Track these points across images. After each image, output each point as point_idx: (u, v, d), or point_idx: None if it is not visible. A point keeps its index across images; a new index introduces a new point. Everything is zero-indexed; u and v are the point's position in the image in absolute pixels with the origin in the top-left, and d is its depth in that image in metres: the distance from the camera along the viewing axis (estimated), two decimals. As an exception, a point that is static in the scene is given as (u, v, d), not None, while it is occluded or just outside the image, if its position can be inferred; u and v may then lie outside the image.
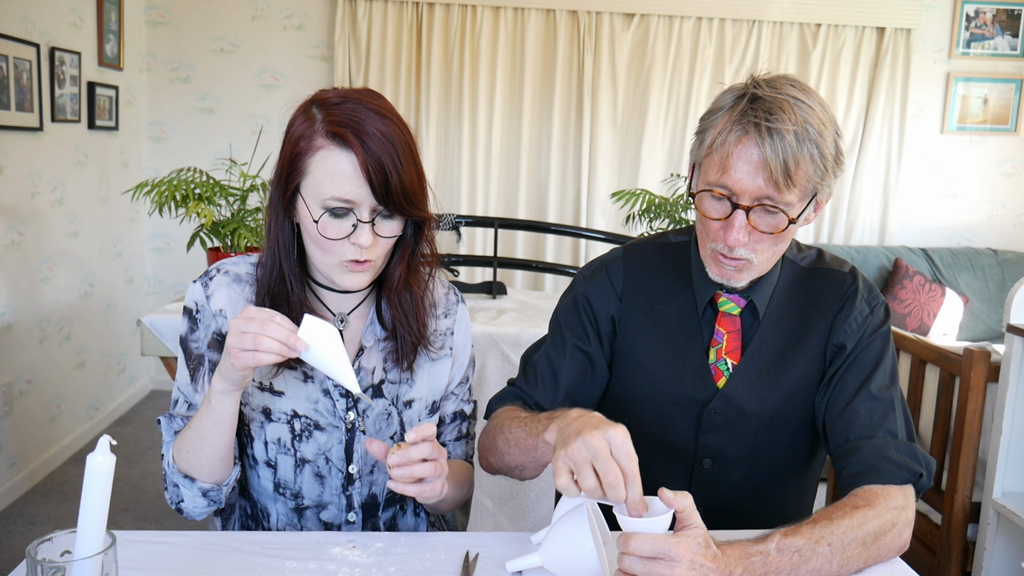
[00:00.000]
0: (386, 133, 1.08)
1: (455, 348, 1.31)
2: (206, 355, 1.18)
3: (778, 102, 1.10)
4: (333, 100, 1.10)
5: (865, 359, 1.22)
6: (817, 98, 1.14)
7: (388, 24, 4.08)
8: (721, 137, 1.12)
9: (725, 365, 1.26)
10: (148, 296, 4.29)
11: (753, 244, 1.15)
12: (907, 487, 1.12)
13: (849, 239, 4.39)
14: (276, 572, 1.01)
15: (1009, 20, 4.33)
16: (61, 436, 3.38)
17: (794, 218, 1.12)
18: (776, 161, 1.08)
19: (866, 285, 1.28)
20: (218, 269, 1.21)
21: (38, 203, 3.16)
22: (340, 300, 1.22)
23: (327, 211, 1.08)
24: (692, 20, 4.18)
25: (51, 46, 3.19)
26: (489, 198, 4.24)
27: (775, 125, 1.08)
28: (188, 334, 1.19)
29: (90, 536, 0.78)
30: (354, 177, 1.07)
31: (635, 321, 1.31)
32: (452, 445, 1.34)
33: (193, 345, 1.19)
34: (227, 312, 1.18)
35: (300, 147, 1.10)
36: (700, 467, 1.28)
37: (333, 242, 1.10)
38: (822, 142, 1.10)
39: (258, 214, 2.52)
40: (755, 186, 1.10)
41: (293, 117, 1.13)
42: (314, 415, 1.19)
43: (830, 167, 1.12)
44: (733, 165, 1.11)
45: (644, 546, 0.89)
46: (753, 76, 1.17)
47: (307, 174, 1.10)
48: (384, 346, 1.23)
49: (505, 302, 2.85)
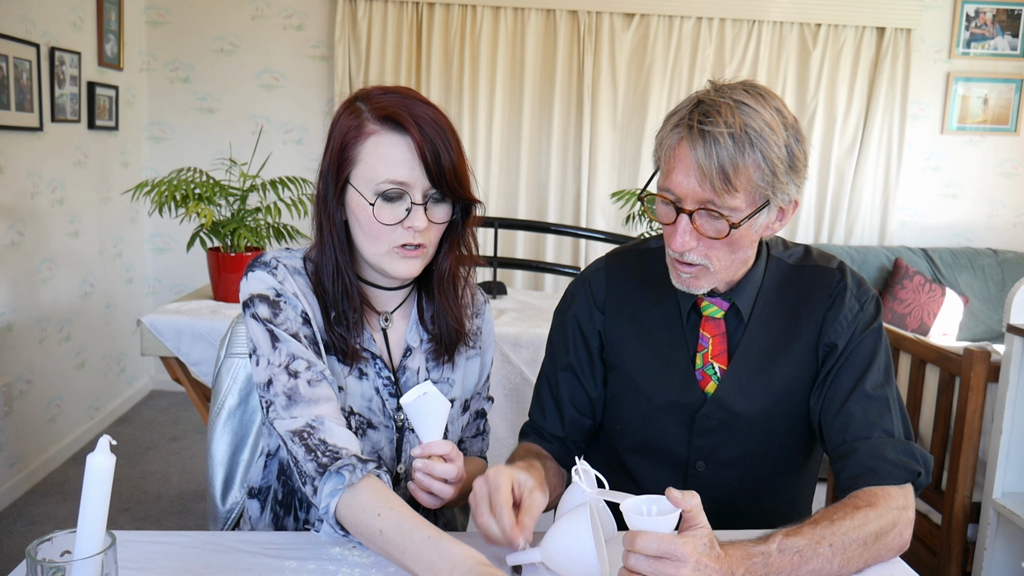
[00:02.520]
0: (435, 117, 1.11)
1: (483, 347, 1.33)
2: (301, 332, 1.14)
3: (717, 105, 1.08)
4: (377, 93, 1.13)
5: (858, 357, 1.20)
6: (774, 103, 1.11)
7: (388, 24, 4.09)
8: (664, 141, 1.13)
9: (713, 370, 1.25)
10: (148, 296, 4.29)
11: (705, 250, 1.14)
12: (906, 486, 1.12)
13: (849, 239, 4.39)
14: (276, 572, 1.01)
15: (1009, 20, 4.32)
16: (61, 436, 3.38)
17: (736, 223, 1.10)
18: (709, 164, 1.07)
19: (855, 280, 1.26)
20: (277, 259, 1.17)
21: (38, 203, 3.16)
22: (385, 299, 1.23)
23: (381, 196, 1.10)
24: (692, 20, 4.18)
25: (51, 46, 3.19)
26: (489, 198, 4.24)
27: (708, 128, 1.07)
28: (274, 318, 1.13)
29: (90, 536, 0.78)
30: (409, 159, 1.09)
31: (619, 331, 1.31)
32: (470, 442, 1.37)
33: (284, 327, 1.13)
34: (302, 299, 1.16)
35: (349, 137, 1.11)
36: (694, 470, 1.27)
37: (386, 228, 1.11)
38: (766, 146, 1.07)
39: (258, 214, 2.52)
40: (694, 190, 1.09)
41: (337, 115, 1.15)
42: (367, 413, 1.20)
43: (781, 173, 1.09)
44: (673, 168, 1.11)
45: (650, 545, 0.89)
46: (712, 81, 1.16)
47: (359, 162, 1.11)
48: (427, 346, 1.24)
49: (505, 302, 2.85)
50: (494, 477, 1.02)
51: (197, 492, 3.12)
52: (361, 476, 1.04)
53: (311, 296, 1.18)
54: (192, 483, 3.20)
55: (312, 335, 1.15)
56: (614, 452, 1.35)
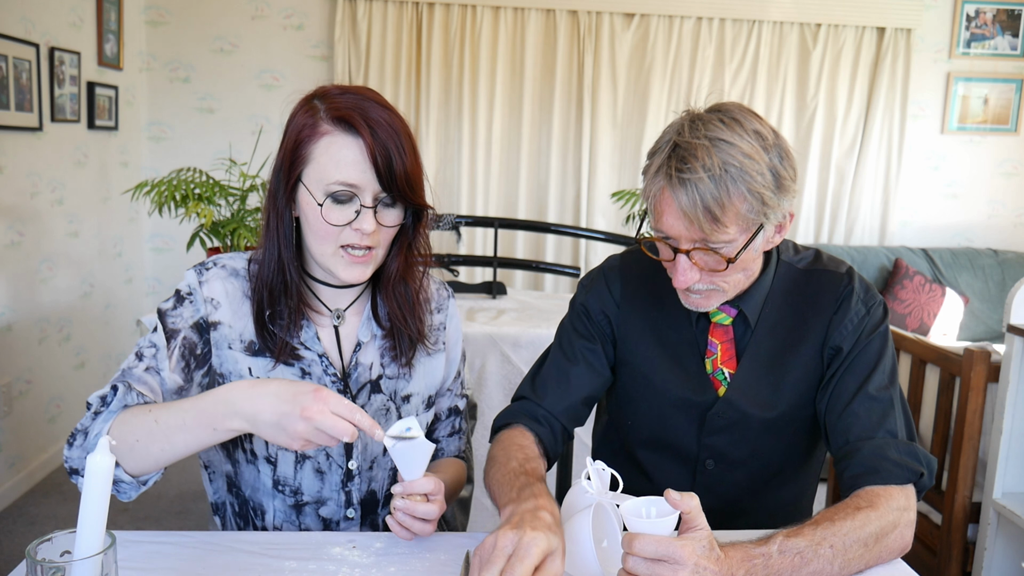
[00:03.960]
0: (390, 121, 1.10)
1: (448, 342, 1.32)
2: (183, 332, 1.15)
3: (692, 148, 1.08)
4: (335, 92, 1.12)
5: (863, 360, 1.21)
6: (751, 125, 1.10)
7: (388, 24, 4.08)
8: (649, 188, 1.14)
9: (723, 375, 1.26)
10: (148, 296, 4.28)
11: (709, 278, 1.16)
12: (908, 487, 1.12)
13: (849, 239, 4.39)
14: (276, 572, 1.01)
15: (1009, 20, 4.32)
16: (61, 436, 3.38)
17: (732, 257, 1.12)
18: (694, 209, 1.07)
19: (863, 285, 1.27)
20: (215, 262, 1.20)
21: (38, 203, 3.16)
22: (336, 296, 1.22)
23: (330, 196, 1.10)
24: (692, 20, 4.18)
25: (51, 46, 3.19)
26: (489, 198, 4.24)
27: (687, 175, 1.07)
28: (170, 309, 1.15)
29: (90, 536, 0.78)
30: (360, 161, 1.09)
31: (633, 326, 1.32)
32: (446, 441, 1.36)
33: (170, 320, 1.15)
34: (221, 303, 1.17)
35: (303, 135, 1.11)
36: (703, 468, 1.29)
37: (334, 228, 1.10)
38: (749, 179, 1.07)
39: (258, 214, 2.52)
40: (685, 232, 1.11)
41: (294, 111, 1.14)
42: None
43: (769, 198, 1.09)
44: (663, 213, 1.12)
45: (648, 548, 0.89)
46: (689, 111, 1.15)
47: (310, 161, 1.11)
48: (382, 343, 1.23)
49: (505, 302, 2.85)
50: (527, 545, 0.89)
51: (197, 492, 3.12)
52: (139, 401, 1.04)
53: (241, 299, 1.18)
54: (192, 483, 3.20)
55: (194, 343, 1.15)
56: (624, 446, 1.36)
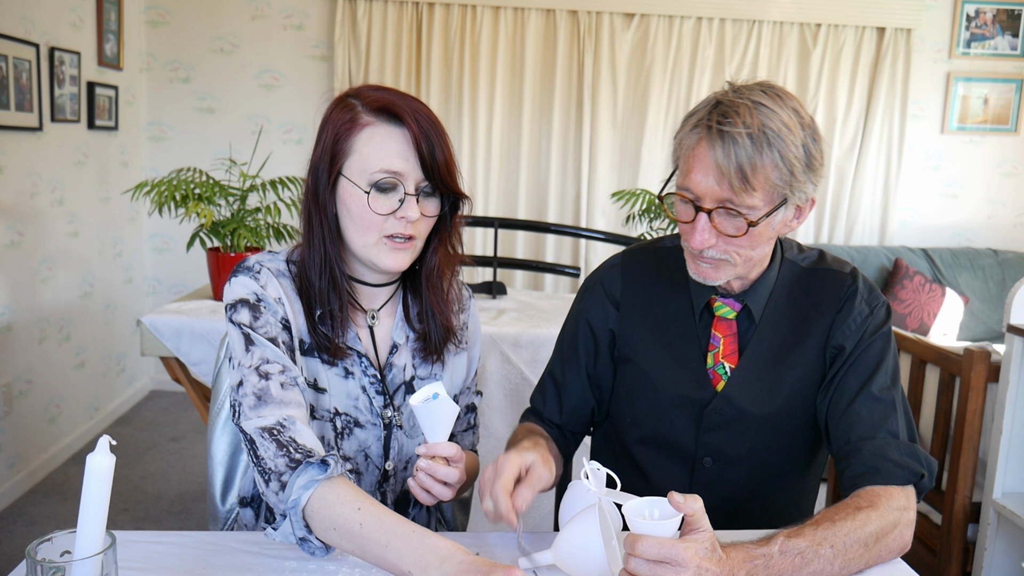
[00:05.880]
0: (426, 113, 1.13)
1: (469, 342, 1.35)
2: (279, 336, 1.13)
3: (736, 106, 1.10)
4: (368, 90, 1.15)
5: (865, 360, 1.21)
6: (791, 103, 1.13)
7: (388, 24, 4.08)
8: (683, 141, 1.15)
9: (723, 369, 1.26)
10: (148, 296, 4.29)
11: (724, 246, 1.16)
12: (908, 488, 1.12)
13: (849, 239, 4.39)
14: (276, 572, 1.01)
15: (1009, 20, 4.32)
16: (61, 436, 3.37)
17: (754, 221, 1.12)
18: (728, 164, 1.08)
19: (866, 286, 1.27)
20: (259, 264, 1.18)
21: (38, 203, 3.16)
22: (372, 296, 1.23)
23: (375, 185, 1.11)
24: (692, 20, 4.18)
25: (51, 46, 3.19)
26: (489, 198, 4.24)
27: (727, 128, 1.08)
28: (253, 322, 1.13)
29: (90, 536, 0.78)
30: (404, 150, 1.11)
31: (633, 325, 1.32)
32: (460, 436, 1.38)
33: (263, 331, 1.12)
34: (284, 303, 1.16)
35: (342, 129, 1.12)
36: (701, 465, 1.29)
37: (379, 218, 1.11)
38: (784, 146, 1.09)
39: (258, 214, 2.52)
40: (713, 189, 1.11)
41: (329, 110, 1.16)
42: (354, 412, 1.20)
43: (798, 172, 1.11)
44: (692, 168, 1.13)
45: (651, 549, 0.88)
46: (730, 82, 1.17)
47: (352, 153, 1.12)
48: (414, 344, 1.25)
49: (505, 302, 2.85)
50: (502, 463, 1.06)
51: (197, 492, 3.12)
52: (341, 471, 1.03)
53: (294, 298, 1.17)
54: (192, 483, 3.20)
55: (290, 341, 1.15)
56: (623, 444, 1.36)
